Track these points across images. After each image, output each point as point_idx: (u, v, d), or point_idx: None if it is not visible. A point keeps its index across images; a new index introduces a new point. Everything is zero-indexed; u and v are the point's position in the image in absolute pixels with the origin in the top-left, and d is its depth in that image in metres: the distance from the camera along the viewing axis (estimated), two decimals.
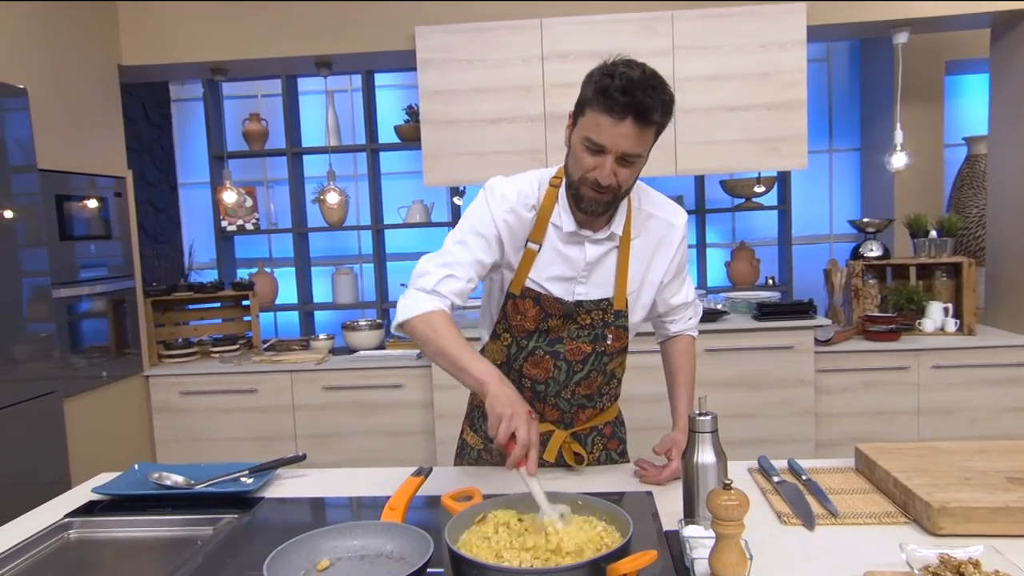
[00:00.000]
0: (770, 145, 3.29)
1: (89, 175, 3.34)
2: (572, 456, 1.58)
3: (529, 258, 1.49)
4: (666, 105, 1.34)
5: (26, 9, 3.00)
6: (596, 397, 1.59)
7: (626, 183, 1.39)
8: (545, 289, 1.50)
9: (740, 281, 4.32)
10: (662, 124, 1.36)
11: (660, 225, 1.52)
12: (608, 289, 1.50)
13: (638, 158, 1.36)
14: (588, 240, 1.47)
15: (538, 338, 1.52)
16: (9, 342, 2.77)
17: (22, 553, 1.29)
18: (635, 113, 1.29)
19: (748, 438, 3.30)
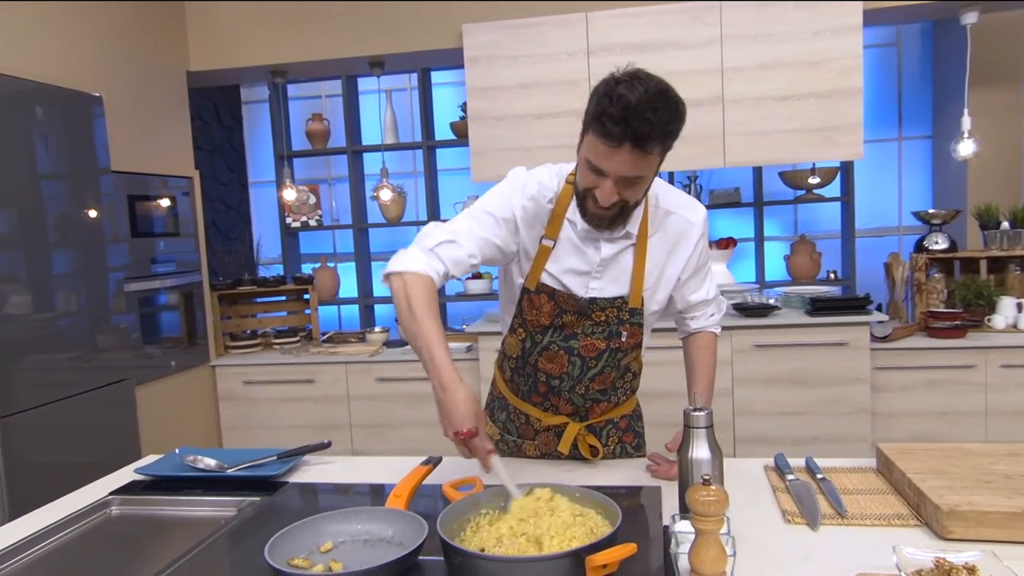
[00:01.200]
0: (824, 135, 3.19)
1: (160, 176, 3.55)
2: (587, 448, 1.58)
3: (544, 254, 1.50)
4: (669, 126, 1.29)
5: (102, 22, 3.21)
6: (611, 392, 1.59)
7: (634, 198, 1.37)
8: (561, 283, 1.50)
9: (800, 275, 4.19)
10: (668, 145, 1.32)
11: (678, 222, 1.51)
12: (623, 286, 1.50)
13: (641, 179, 1.34)
14: (603, 239, 1.47)
15: (553, 333, 1.53)
16: (87, 332, 2.99)
17: (67, 526, 1.41)
18: (632, 140, 1.25)
19: (799, 436, 3.22)
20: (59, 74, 2.94)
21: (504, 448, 1.68)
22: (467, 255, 1.42)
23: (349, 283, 4.88)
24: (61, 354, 2.85)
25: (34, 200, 2.76)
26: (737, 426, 3.27)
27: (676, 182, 4.39)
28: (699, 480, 1.16)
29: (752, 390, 3.24)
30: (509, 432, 1.67)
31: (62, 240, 2.90)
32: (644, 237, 1.48)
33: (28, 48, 2.83)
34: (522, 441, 1.66)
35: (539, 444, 1.64)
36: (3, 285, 2.60)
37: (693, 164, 3.38)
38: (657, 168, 1.38)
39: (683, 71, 3.28)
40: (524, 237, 1.49)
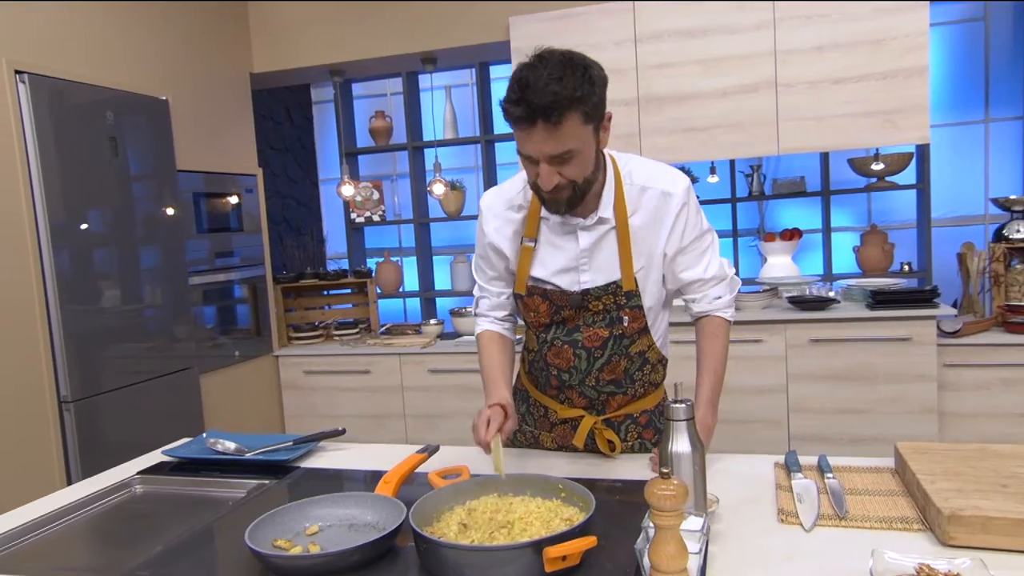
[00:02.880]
0: (885, 118, 3.01)
1: (225, 174, 3.72)
2: (605, 443, 1.53)
3: (527, 256, 1.50)
4: (577, 92, 1.24)
5: (168, 28, 3.39)
6: (625, 382, 1.54)
7: (578, 176, 1.34)
8: (552, 284, 1.49)
9: (871, 268, 3.98)
10: (586, 111, 1.27)
11: (655, 196, 1.45)
12: (614, 272, 1.47)
13: (573, 153, 1.29)
14: (579, 228, 1.46)
15: (555, 330, 1.52)
16: (154, 323, 3.18)
17: (94, 501, 1.51)
18: (540, 116, 1.23)
19: (858, 435, 3.06)
20: (128, 80, 3.13)
21: (521, 439, 1.67)
22: (497, 296, 1.62)
23: (414, 276, 4.98)
24: (130, 343, 3.04)
25: (103, 200, 2.95)
26: (792, 423, 3.14)
27: (737, 171, 4.25)
28: (689, 475, 1.14)
29: (808, 386, 3.10)
30: (527, 423, 1.66)
31: (132, 237, 3.09)
32: (624, 218, 1.45)
33: (99, 56, 3.03)
34: (539, 432, 1.64)
35: (556, 436, 1.62)
36: (77, 279, 2.80)
37: (745, 152, 3.26)
38: (594, 140, 1.33)
39: (734, 56, 3.17)
40: (508, 253, 1.54)
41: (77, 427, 2.79)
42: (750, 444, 3.17)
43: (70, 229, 2.80)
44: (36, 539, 1.35)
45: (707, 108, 3.24)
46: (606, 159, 1.46)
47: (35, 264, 2.69)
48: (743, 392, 3.16)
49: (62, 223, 2.76)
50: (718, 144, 3.24)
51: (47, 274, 2.73)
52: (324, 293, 4.54)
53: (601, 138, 1.36)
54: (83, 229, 2.86)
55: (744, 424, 3.17)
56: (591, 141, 1.32)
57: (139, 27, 3.24)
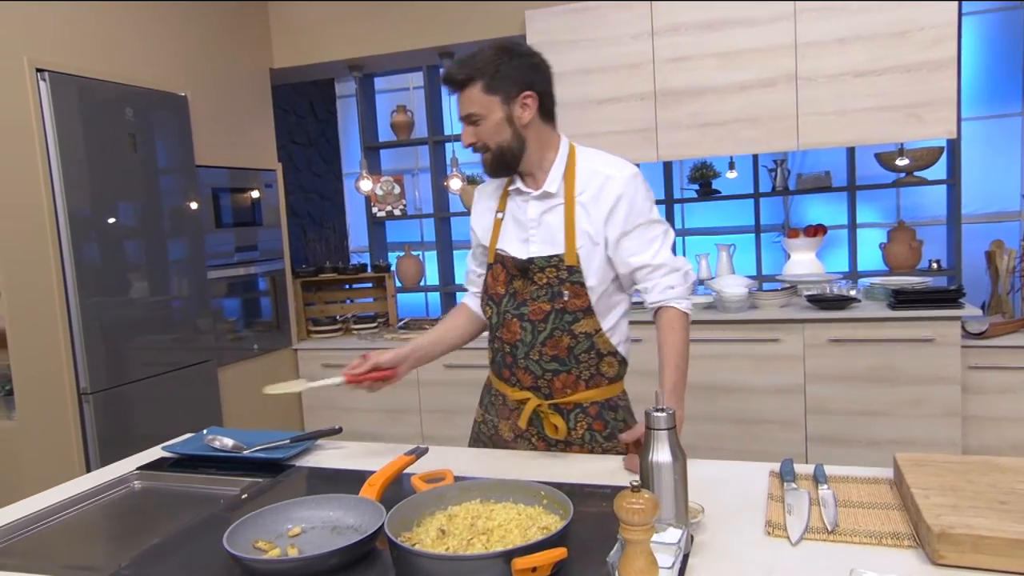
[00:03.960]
0: (910, 112, 2.92)
1: (243, 169, 3.76)
2: (551, 427, 1.59)
3: (496, 227, 1.66)
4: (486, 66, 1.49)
5: (188, 25, 3.43)
6: (569, 361, 1.58)
7: (489, 140, 1.53)
8: (507, 252, 1.62)
9: (897, 265, 3.88)
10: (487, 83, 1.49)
11: (598, 178, 1.56)
12: (558, 245, 1.57)
13: (476, 117, 1.52)
14: (531, 197, 1.59)
15: (507, 302, 1.62)
16: (172, 316, 3.23)
17: (93, 496, 1.53)
18: (450, 84, 1.52)
19: (878, 438, 2.99)
20: (148, 76, 3.17)
21: (484, 430, 1.73)
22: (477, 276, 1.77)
23: (435, 270, 4.99)
24: (149, 336, 3.10)
25: (122, 195, 3.00)
26: (809, 425, 3.08)
27: (760, 166, 4.17)
28: (670, 485, 1.12)
29: (826, 387, 3.03)
30: (489, 412, 1.72)
31: (151, 232, 3.14)
32: (571, 197, 1.56)
33: (119, 54, 3.07)
34: (499, 421, 1.69)
35: (511, 424, 1.66)
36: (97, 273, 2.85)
37: (764, 147, 3.19)
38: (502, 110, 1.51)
39: (753, 49, 3.10)
40: (479, 231, 1.72)
41: (96, 418, 2.85)
42: (767, 444, 3.12)
43: (90, 224, 2.85)
44: (32, 533, 1.38)
45: (725, 102, 3.17)
46: (559, 141, 1.61)
47: (55, 258, 2.75)
48: (760, 392, 3.11)
49: (82, 218, 2.82)
50: (736, 139, 3.18)
51: (67, 268, 2.78)
52: (345, 287, 4.57)
53: (517, 113, 1.52)
54: (102, 224, 2.91)
55: (761, 424, 3.11)
56: (498, 110, 1.51)
57: (159, 24, 3.28)
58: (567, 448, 1.61)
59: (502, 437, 1.68)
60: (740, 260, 4.21)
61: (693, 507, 1.21)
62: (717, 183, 4.21)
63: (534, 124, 1.55)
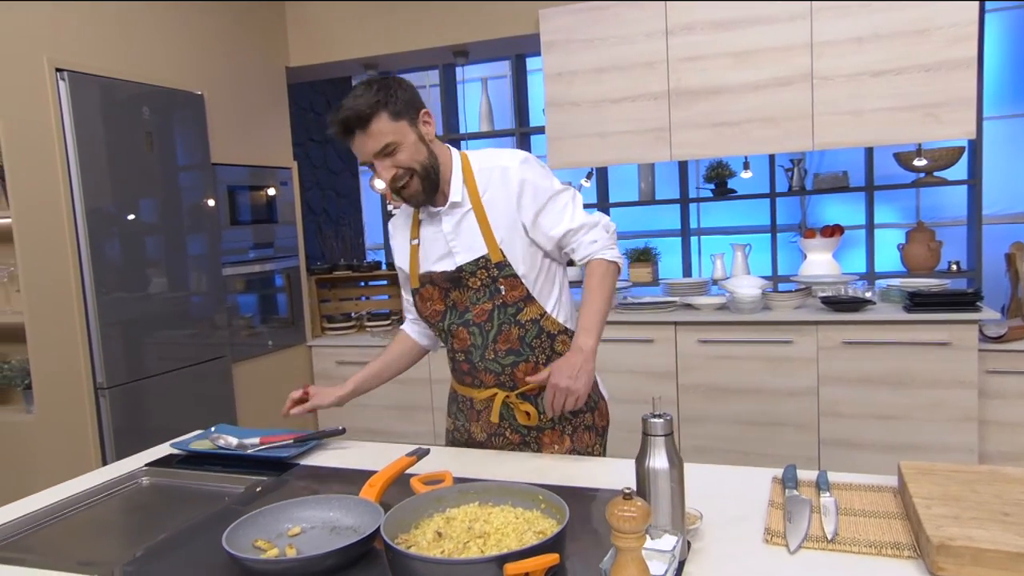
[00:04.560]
0: (927, 112, 2.88)
1: (259, 167, 3.79)
2: (523, 415, 1.63)
3: (415, 253, 1.68)
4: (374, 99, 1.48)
5: (205, 24, 3.46)
6: (524, 350, 1.62)
7: (412, 163, 1.52)
8: (434, 271, 1.65)
9: (916, 267, 3.82)
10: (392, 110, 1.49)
11: (495, 172, 1.60)
12: (480, 247, 1.60)
13: (393, 146, 1.50)
14: (442, 215, 1.62)
15: (450, 315, 1.65)
16: (188, 312, 3.27)
17: (101, 491, 1.56)
18: (350, 126, 1.48)
19: (892, 443, 2.95)
20: (164, 75, 3.21)
21: (457, 436, 1.76)
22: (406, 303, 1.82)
23: None
24: (164, 332, 3.14)
25: (139, 193, 3.04)
26: (822, 428, 3.04)
27: (777, 165, 4.13)
28: (666, 492, 1.11)
29: (840, 390, 3.00)
30: (458, 419, 1.75)
31: (167, 229, 3.18)
32: (477, 199, 1.60)
33: (136, 53, 3.11)
34: (469, 424, 1.72)
35: (482, 425, 1.69)
36: (113, 270, 2.89)
37: (778, 147, 3.16)
38: (413, 131, 1.52)
39: (768, 48, 3.07)
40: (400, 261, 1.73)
41: (112, 412, 2.89)
42: (779, 447, 3.09)
43: (107, 221, 2.90)
44: (41, 529, 1.40)
45: (739, 102, 3.14)
46: (451, 152, 1.63)
47: (73, 254, 2.79)
48: (772, 394, 3.08)
49: (99, 215, 2.86)
50: (751, 139, 3.15)
51: (84, 264, 2.83)
52: (360, 284, 4.59)
53: (423, 130, 1.55)
54: (119, 221, 2.95)
55: (773, 427, 3.09)
56: (410, 132, 1.52)
57: (176, 24, 3.31)
58: (540, 434, 1.66)
59: (476, 440, 1.71)
60: (756, 260, 4.17)
61: (691, 514, 1.21)
62: (733, 183, 4.18)
63: (435, 140, 1.60)
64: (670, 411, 3.20)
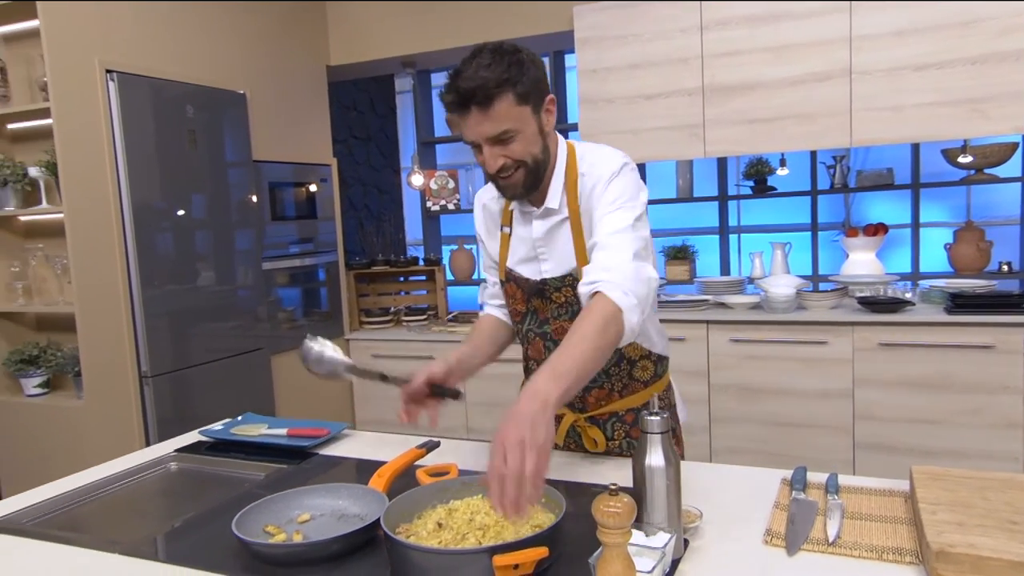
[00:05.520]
0: (972, 107, 2.78)
1: (299, 164, 3.88)
2: (590, 441, 1.54)
3: (504, 243, 1.55)
4: (504, 75, 1.27)
5: (248, 25, 3.56)
6: (600, 376, 1.50)
7: (524, 156, 1.35)
8: (518, 272, 1.53)
9: (964, 267, 3.70)
10: (519, 92, 1.29)
11: (591, 179, 1.41)
12: (570, 262, 1.45)
13: (512, 133, 1.32)
14: (534, 216, 1.47)
15: (529, 320, 1.55)
16: (228, 305, 3.37)
17: (132, 475, 1.63)
18: (472, 101, 1.28)
19: (932, 448, 2.87)
20: (208, 75, 3.32)
21: None
22: (494, 286, 1.65)
23: None
24: (205, 324, 3.24)
25: (182, 189, 3.15)
26: (857, 431, 2.98)
27: (819, 162, 4.04)
28: (663, 490, 1.11)
29: (876, 392, 2.93)
30: None
31: (209, 224, 3.29)
32: (575, 207, 1.43)
33: (181, 53, 3.22)
34: None
35: None
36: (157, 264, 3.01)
37: (815, 144, 3.09)
38: (534, 121, 1.35)
39: (805, 43, 3.00)
40: (487, 242, 1.61)
41: (155, 400, 3.01)
42: (811, 450, 3.03)
43: (152, 217, 3.01)
44: (72, 508, 1.48)
45: (775, 98, 3.09)
46: (560, 145, 1.45)
47: (120, 249, 2.91)
48: (806, 395, 3.03)
49: (145, 211, 2.97)
50: (786, 136, 3.09)
51: (131, 258, 2.94)
52: (399, 279, 4.67)
53: (544, 120, 1.38)
54: (163, 217, 3.07)
55: (806, 429, 3.03)
56: (530, 121, 1.34)
57: (220, 25, 3.42)
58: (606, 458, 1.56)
59: None
60: (797, 259, 4.09)
61: (691, 512, 1.21)
62: (772, 180, 4.11)
63: (552, 131, 1.43)
64: (701, 410, 3.17)
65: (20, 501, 1.47)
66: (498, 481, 0.99)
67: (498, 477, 0.99)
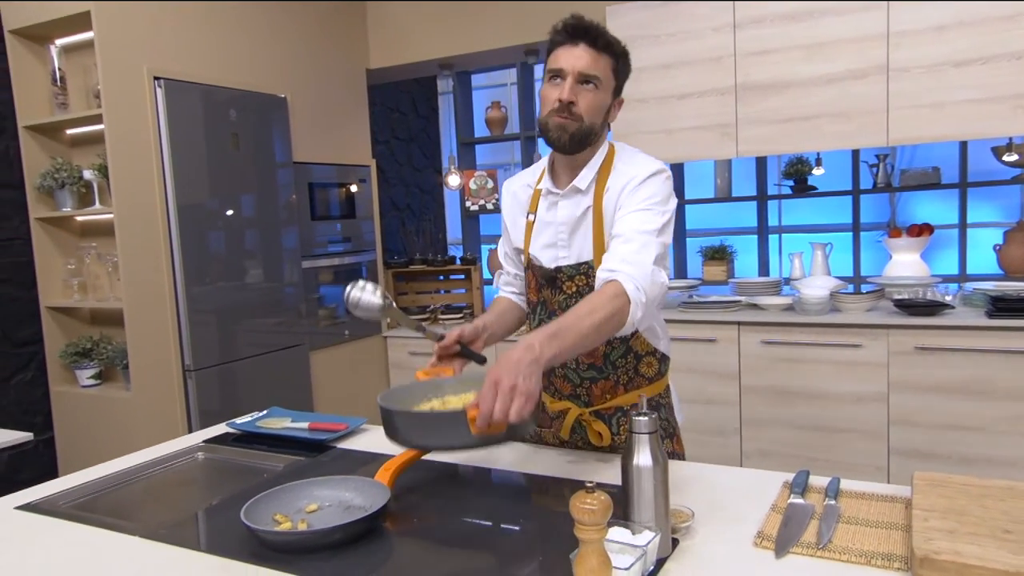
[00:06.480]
0: (1017, 103, 2.68)
1: (339, 165, 3.99)
2: (595, 434, 1.55)
3: (528, 229, 1.60)
4: (614, 45, 1.46)
5: (289, 30, 3.67)
6: (606, 368, 1.54)
7: (588, 110, 1.44)
8: (538, 259, 1.57)
9: (1014, 270, 3.57)
10: (617, 63, 1.46)
11: (624, 178, 1.47)
12: (587, 253, 1.51)
13: (596, 81, 1.43)
14: (560, 197, 1.53)
15: (540, 310, 1.59)
16: (269, 302, 3.49)
17: (159, 463, 1.72)
18: (586, 38, 1.43)
19: (970, 455, 2.79)
20: (250, 80, 3.44)
21: (530, 437, 1.71)
22: (510, 275, 1.73)
23: None
24: (247, 319, 3.37)
25: (225, 190, 3.27)
26: (892, 436, 2.91)
27: (861, 161, 3.95)
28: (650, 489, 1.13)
29: (912, 398, 2.86)
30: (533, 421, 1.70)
31: (251, 223, 3.41)
32: (600, 204, 1.49)
33: (225, 59, 3.35)
34: (541, 430, 1.69)
35: (553, 433, 1.66)
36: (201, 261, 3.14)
37: (850, 143, 3.02)
38: (610, 97, 1.48)
39: (841, 40, 2.95)
40: (512, 228, 1.66)
41: (198, 392, 3.14)
42: (845, 455, 2.98)
43: (196, 216, 3.14)
44: (101, 494, 1.57)
45: (810, 96, 3.04)
46: (605, 144, 1.54)
47: (165, 247, 3.05)
48: (839, 399, 2.97)
49: (189, 211, 3.10)
50: (821, 134, 3.03)
51: (175, 256, 3.08)
52: (439, 278, 4.74)
53: (613, 106, 1.51)
54: (207, 217, 3.20)
55: (840, 433, 2.98)
56: (607, 95, 1.47)
57: (262, 31, 3.54)
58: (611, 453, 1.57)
59: (545, 442, 1.67)
60: (838, 260, 4.01)
61: (683, 512, 1.22)
62: (813, 179, 4.03)
63: (609, 126, 1.55)
64: (732, 413, 3.14)
65: (56, 485, 1.57)
66: (485, 419, 1.13)
67: (486, 415, 1.12)
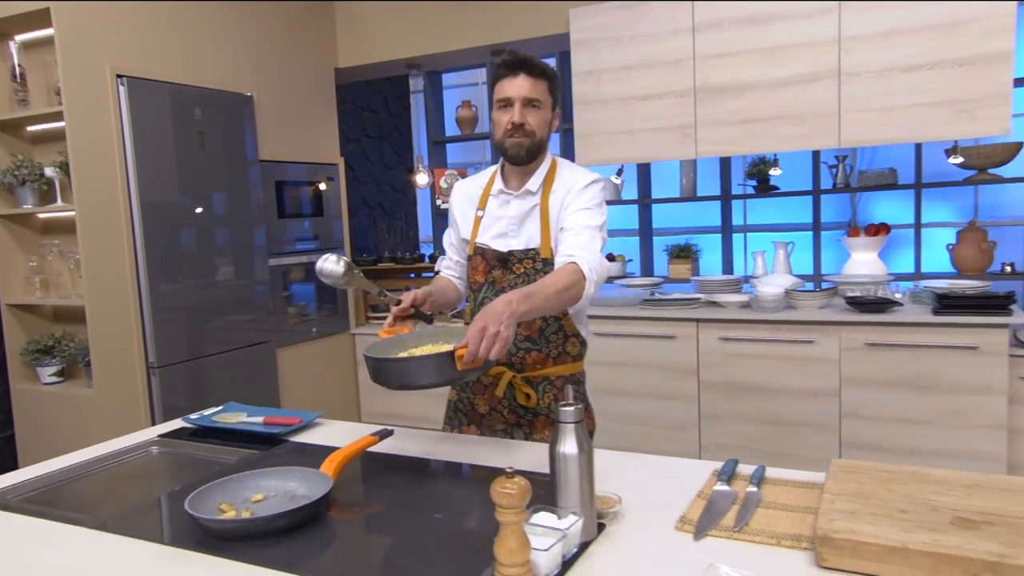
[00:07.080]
0: (959, 108, 2.78)
1: (307, 164, 4.01)
2: (523, 395, 1.76)
3: (476, 224, 1.84)
4: (547, 70, 1.71)
5: (256, 28, 3.69)
6: (540, 340, 1.77)
7: (538, 127, 1.71)
8: (487, 246, 1.80)
9: (966, 268, 3.67)
10: (552, 86, 1.73)
11: (567, 181, 1.77)
12: (535, 240, 1.77)
13: (538, 102, 1.70)
14: (513, 197, 1.78)
15: (487, 289, 1.81)
16: (234, 299, 3.51)
17: (115, 457, 1.75)
18: (524, 68, 1.68)
19: (917, 447, 2.88)
20: (216, 78, 3.45)
21: (460, 407, 1.89)
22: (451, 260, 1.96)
23: None
24: (212, 317, 3.38)
25: (190, 188, 3.28)
26: (844, 430, 3.00)
27: (821, 162, 4.04)
28: (576, 476, 1.19)
29: (863, 392, 2.94)
30: (464, 391, 1.88)
31: (215, 221, 3.42)
32: (546, 204, 1.76)
33: (190, 57, 3.36)
34: (474, 396, 1.84)
35: (487, 398, 1.81)
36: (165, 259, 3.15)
37: (804, 144, 3.11)
38: (550, 114, 1.74)
39: (794, 44, 3.03)
40: (461, 223, 1.88)
41: (162, 390, 3.16)
42: (799, 448, 3.06)
43: (160, 214, 3.15)
44: (56, 487, 1.60)
45: (766, 99, 3.12)
46: (549, 155, 1.81)
47: (128, 245, 3.06)
48: (793, 394, 3.06)
49: (153, 209, 3.11)
50: (778, 136, 3.12)
51: (139, 254, 3.09)
52: (410, 276, 4.77)
53: (552, 122, 1.78)
54: (171, 214, 3.21)
55: (793, 427, 3.06)
56: (548, 111, 1.74)
57: (229, 28, 3.55)
58: (535, 417, 1.79)
59: (477, 411, 1.85)
60: (800, 259, 4.10)
61: (610, 498, 1.28)
62: (776, 179, 4.12)
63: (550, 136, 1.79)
64: (691, 408, 3.21)
65: (7, 480, 1.60)
66: (472, 356, 1.40)
67: (473, 353, 1.39)
